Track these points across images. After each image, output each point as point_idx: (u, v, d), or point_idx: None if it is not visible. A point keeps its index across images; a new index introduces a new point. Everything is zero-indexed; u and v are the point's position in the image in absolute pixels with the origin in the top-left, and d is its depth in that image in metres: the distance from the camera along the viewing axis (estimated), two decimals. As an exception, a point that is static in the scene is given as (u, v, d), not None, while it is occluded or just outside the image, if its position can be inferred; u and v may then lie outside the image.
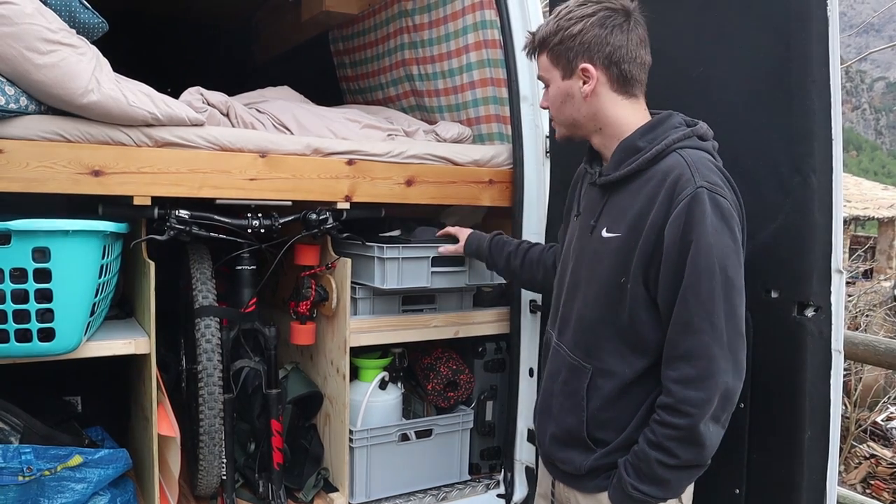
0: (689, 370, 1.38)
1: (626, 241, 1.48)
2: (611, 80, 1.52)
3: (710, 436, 1.39)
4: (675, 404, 1.39)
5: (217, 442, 2.02)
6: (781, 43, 1.59)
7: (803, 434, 1.57)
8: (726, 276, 1.38)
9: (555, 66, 1.57)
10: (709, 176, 1.42)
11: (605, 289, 1.52)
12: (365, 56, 3.50)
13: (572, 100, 1.56)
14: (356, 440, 2.27)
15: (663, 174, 1.45)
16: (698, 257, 1.37)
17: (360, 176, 2.20)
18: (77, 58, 1.77)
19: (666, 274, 1.42)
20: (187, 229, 1.97)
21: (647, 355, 1.48)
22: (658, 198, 1.43)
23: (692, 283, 1.37)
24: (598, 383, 1.53)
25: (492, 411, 2.56)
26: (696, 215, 1.37)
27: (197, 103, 2.13)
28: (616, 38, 1.49)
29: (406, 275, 2.23)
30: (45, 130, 1.78)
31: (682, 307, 1.39)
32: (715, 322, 1.37)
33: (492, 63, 2.66)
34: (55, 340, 1.67)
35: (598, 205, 1.58)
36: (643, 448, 1.43)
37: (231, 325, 2.14)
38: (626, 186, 1.52)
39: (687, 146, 1.48)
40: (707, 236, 1.36)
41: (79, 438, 2.00)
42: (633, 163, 1.49)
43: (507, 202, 2.46)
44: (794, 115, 1.58)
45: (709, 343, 1.36)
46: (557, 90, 1.58)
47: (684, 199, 1.39)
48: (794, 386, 1.58)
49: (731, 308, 1.38)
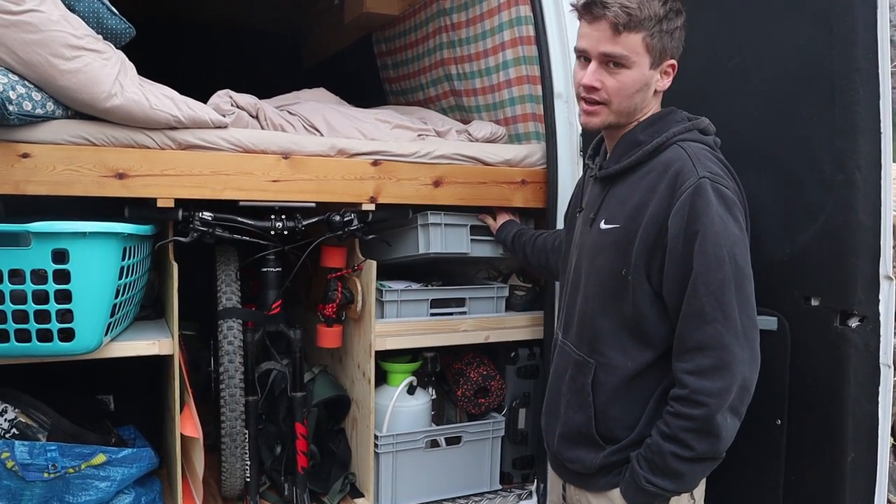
0: (704, 360, 1.33)
1: (625, 233, 1.45)
2: None
3: (727, 427, 1.35)
4: (690, 395, 1.34)
5: (239, 444, 2.02)
6: (823, 28, 1.47)
7: (846, 456, 1.44)
8: (736, 264, 1.34)
9: (648, 51, 1.42)
10: (710, 166, 1.40)
11: (605, 281, 1.49)
12: (406, 57, 3.47)
13: (647, 91, 1.47)
14: (381, 445, 2.23)
15: (664, 166, 1.43)
16: (706, 246, 1.33)
17: (386, 177, 2.16)
18: (101, 63, 1.80)
19: (671, 266, 1.38)
20: (210, 231, 1.97)
21: (650, 348, 1.45)
22: (658, 189, 1.41)
23: (702, 273, 1.34)
24: (601, 378, 1.50)
25: (524, 419, 2.47)
26: (700, 205, 1.34)
27: (225, 105, 2.14)
28: (684, 40, 1.49)
29: (449, 240, 2.27)
30: (71, 134, 1.82)
31: (692, 298, 1.35)
32: (728, 311, 1.33)
33: (528, 60, 2.58)
34: (75, 340, 1.69)
35: (599, 198, 1.56)
36: (656, 440, 1.38)
37: (256, 326, 2.14)
38: (625, 179, 1.51)
39: (687, 139, 1.46)
40: (713, 225, 1.33)
41: (106, 437, 2.04)
42: (633, 155, 1.48)
43: (540, 203, 2.38)
44: (837, 106, 1.45)
45: (723, 332, 1.32)
46: (640, 76, 1.43)
47: (687, 190, 1.36)
48: (836, 403, 1.45)
49: (743, 297, 1.34)
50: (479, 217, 2.34)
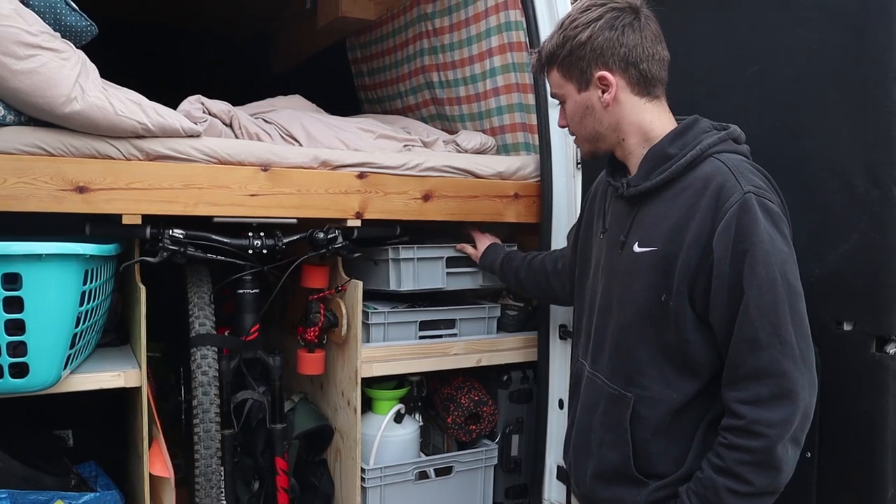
0: (762, 389, 1.24)
1: (664, 256, 1.35)
2: (631, 84, 1.42)
3: (788, 459, 1.25)
4: (747, 426, 1.24)
5: (214, 484, 1.84)
6: (855, 33, 1.37)
7: (885, 492, 1.34)
8: (788, 283, 1.25)
9: (567, 79, 1.47)
10: (753, 180, 1.31)
11: (643, 308, 1.38)
12: (383, 63, 3.33)
13: (593, 112, 1.46)
14: (369, 479, 2.07)
15: (703, 181, 1.33)
16: (756, 267, 1.24)
17: (373, 190, 2.02)
18: (59, 63, 1.62)
19: (720, 289, 1.28)
20: (182, 250, 1.81)
21: (696, 377, 1.35)
22: (700, 207, 1.31)
23: (754, 296, 1.24)
24: (641, 413, 1.39)
25: (518, 446, 2.34)
26: (747, 223, 1.26)
27: (196, 113, 1.97)
28: (629, 38, 1.40)
29: (422, 276, 2.13)
30: (25, 143, 1.64)
31: (745, 323, 1.26)
32: (784, 336, 1.24)
33: (517, 67, 2.47)
34: (29, 376, 1.51)
35: (627, 218, 1.45)
36: (709, 475, 1.27)
37: (232, 353, 1.96)
38: (658, 196, 1.40)
39: (723, 150, 1.37)
40: (763, 244, 1.25)
41: (65, 479, 1.83)
42: (666, 171, 1.37)
43: (534, 218, 2.26)
44: (870, 116, 1.35)
45: (780, 359, 1.23)
46: (575, 104, 1.48)
47: (732, 207, 1.27)
48: (874, 435, 1.35)
49: (798, 318, 1.26)
50: (456, 248, 2.21)
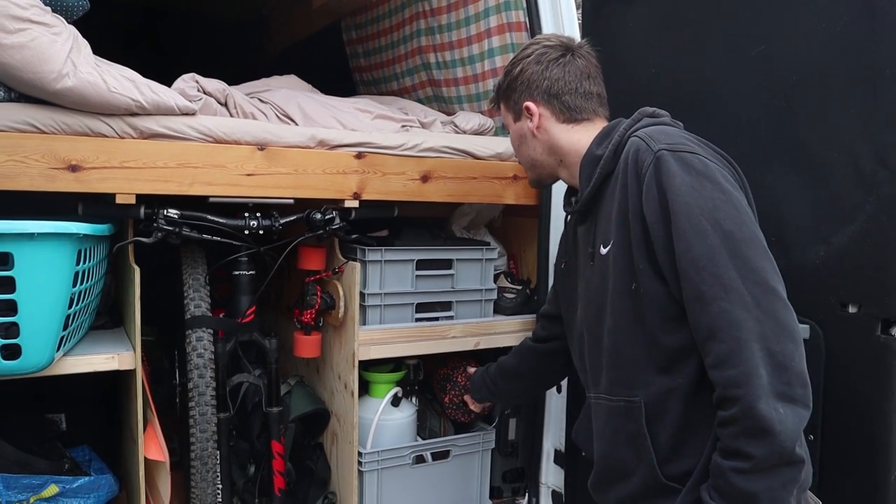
0: (719, 347, 1.17)
1: (621, 246, 1.35)
2: (554, 113, 1.53)
3: (781, 418, 1.11)
4: (722, 393, 1.17)
5: (210, 467, 1.82)
6: (864, 11, 1.35)
7: (888, 475, 1.34)
8: (722, 230, 1.19)
9: (507, 111, 1.62)
10: (666, 139, 1.31)
11: (619, 305, 1.36)
12: (379, 44, 3.28)
13: (526, 140, 1.59)
14: (366, 463, 2.06)
15: (624, 161, 1.36)
16: (679, 222, 1.22)
17: (371, 171, 1.98)
18: (50, 38, 1.57)
19: (662, 255, 1.26)
20: (177, 230, 1.77)
21: (693, 356, 1.27)
22: (627, 185, 1.33)
23: (684, 251, 1.21)
24: (657, 412, 1.32)
25: (515, 430, 2.33)
26: (664, 181, 1.25)
27: (191, 91, 1.93)
28: (552, 72, 1.51)
29: (388, 279, 2.07)
30: (15, 120, 1.59)
31: (686, 282, 1.22)
32: (727, 283, 1.16)
33: (516, 48, 2.41)
34: (22, 358, 1.47)
35: (589, 231, 1.48)
36: (716, 461, 1.20)
37: (228, 336, 1.94)
38: (602, 197, 1.43)
39: (640, 126, 1.40)
40: (682, 196, 1.22)
41: (58, 463, 1.81)
42: (598, 168, 1.42)
43: (532, 200, 2.24)
44: (878, 97, 1.34)
45: (727, 308, 1.16)
46: (513, 133, 1.63)
47: (648, 170, 1.28)
48: (877, 418, 1.35)
49: (742, 262, 1.18)
50: None
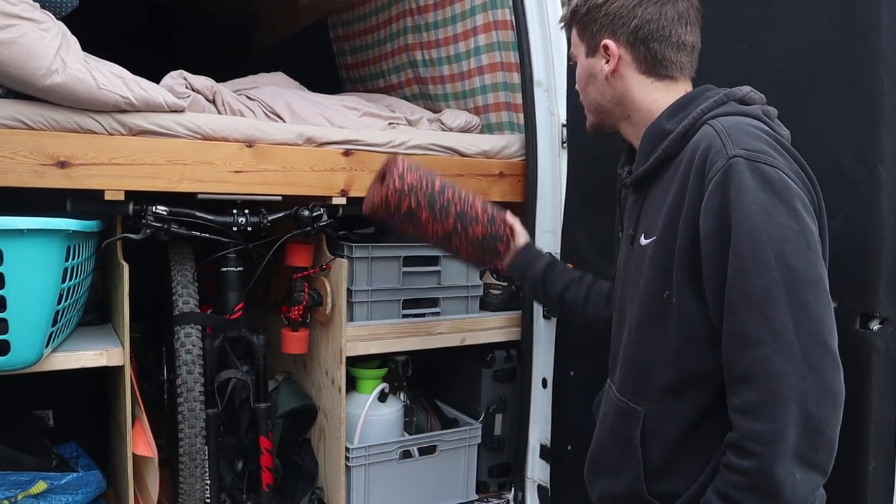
0: (752, 395, 1.05)
1: (663, 245, 1.19)
2: (637, 61, 1.29)
3: (795, 484, 1.02)
4: (739, 441, 1.06)
5: (199, 463, 1.82)
6: (842, 12, 1.38)
7: (866, 466, 1.36)
8: (787, 265, 1.04)
9: (581, 40, 1.37)
10: (747, 142, 1.10)
11: (646, 308, 1.23)
12: (365, 42, 3.29)
13: (595, 81, 1.36)
14: (353, 458, 2.07)
15: (692, 152, 1.16)
16: (741, 245, 1.05)
17: (358, 168, 2.00)
18: (39, 34, 1.58)
19: (709, 278, 1.10)
20: (165, 227, 1.77)
21: (711, 385, 1.16)
22: (689, 183, 1.14)
23: (738, 281, 1.06)
24: (656, 428, 1.21)
25: (501, 425, 2.35)
26: (732, 193, 1.06)
27: (179, 88, 1.93)
28: (646, 11, 1.26)
29: (375, 276, 2.07)
30: (4, 116, 1.60)
31: (731, 313, 1.07)
32: (777, 328, 1.03)
33: (502, 46, 2.45)
34: (10, 354, 1.48)
35: (636, 209, 1.31)
36: (708, 500, 1.10)
37: (216, 332, 1.94)
38: (659, 179, 1.24)
39: (721, 113, 1.19)
40: (751, 217, 1.05)
41: (46, 459, 1.80)
42: (660, 148, 1.22)
43: (519, 197, 2.26)
44: (858, 96, 1.36)
45: (772, 357, 1.03)
46: (581, 69, 1.39)
47: (716, 176, 1.09)
48: (857, 410, 1.36)
49: (800, 307, 1.04)
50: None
